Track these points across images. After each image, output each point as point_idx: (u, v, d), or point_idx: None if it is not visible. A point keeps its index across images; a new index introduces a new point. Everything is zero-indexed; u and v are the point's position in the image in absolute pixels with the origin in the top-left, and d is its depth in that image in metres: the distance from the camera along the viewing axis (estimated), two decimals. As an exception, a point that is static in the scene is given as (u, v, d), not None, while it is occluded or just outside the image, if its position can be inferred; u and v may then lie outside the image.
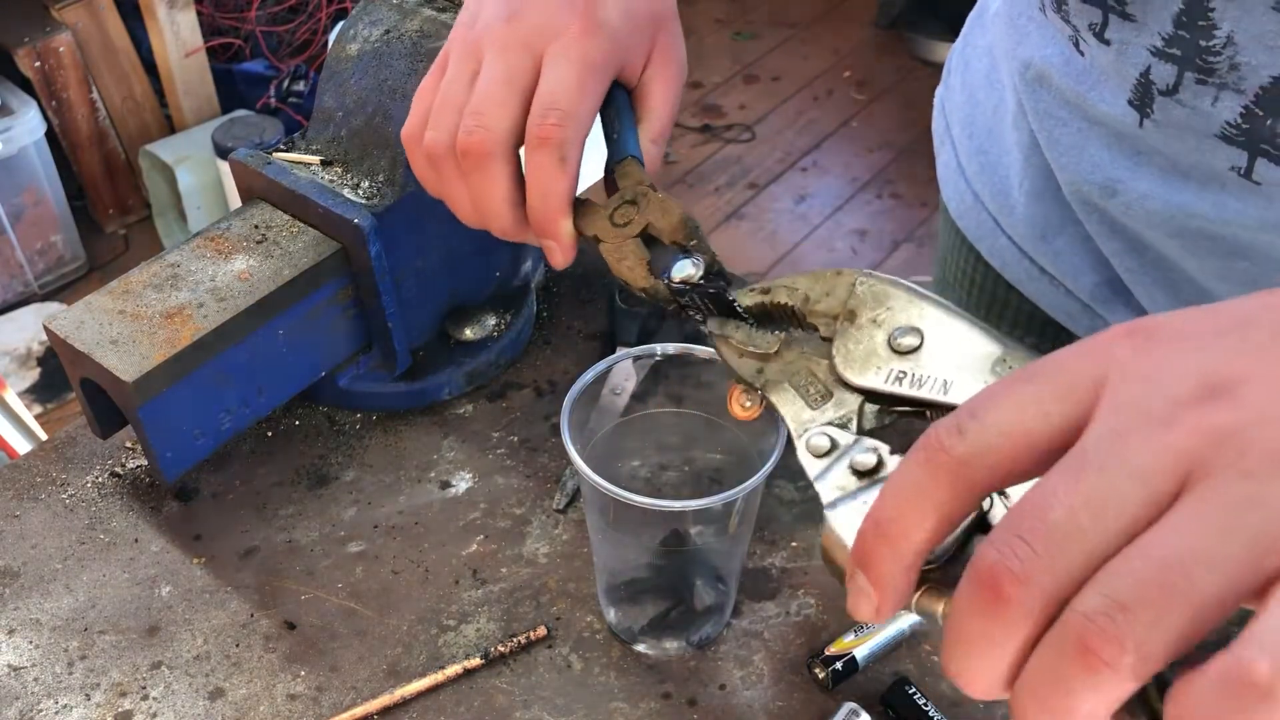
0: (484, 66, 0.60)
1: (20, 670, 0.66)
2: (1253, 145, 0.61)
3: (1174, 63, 0.61)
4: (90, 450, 0.78)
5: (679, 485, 0.69)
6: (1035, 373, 0.35)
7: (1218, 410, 0.32)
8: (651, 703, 0.64)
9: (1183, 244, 0.70)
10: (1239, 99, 0.60)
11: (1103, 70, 0.67)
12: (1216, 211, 0.66)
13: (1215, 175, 0.64)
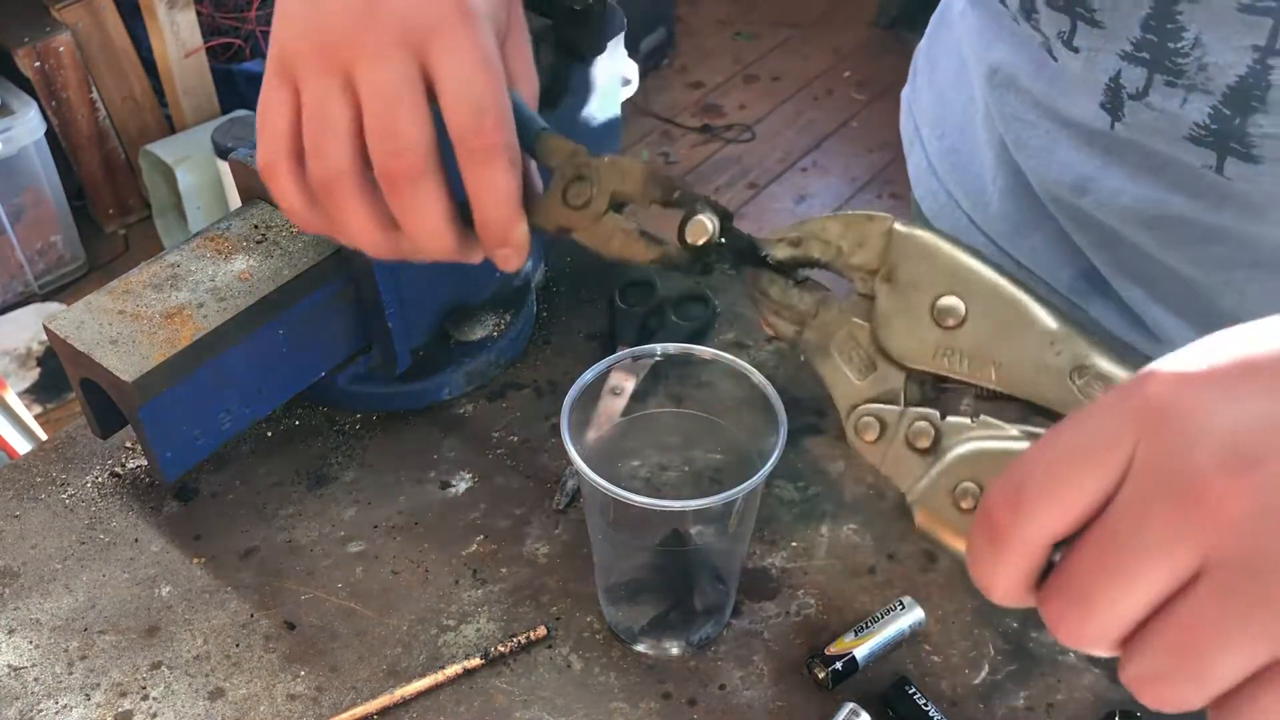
0: (361, 77, 0.52)
1: (20, 670, 0.66)
2: (1222, 145, 0.62)
3: (1143, 66, 0.62)
4: (90, 450, 0.78)
5: (679, 485, 0.69)
6: (1072, 446, 0.37)
7: (1241, 489, 0.34)
8: (651, 703, 0.64)
9: (1156, 235, 0.70)
10: (1207, 99, 0.60)
11: (1073, 76, 0.67)
12: (1189, 204, 0.66)
13: (1187, 172, 0.65)
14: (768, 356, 0.84)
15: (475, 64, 0.52)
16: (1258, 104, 0.58)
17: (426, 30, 0.52)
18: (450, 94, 0.52)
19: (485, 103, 0.52)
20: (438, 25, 0.52)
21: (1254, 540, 0.34)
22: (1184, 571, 0.35)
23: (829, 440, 0.78)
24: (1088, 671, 0.65)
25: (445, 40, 0.52)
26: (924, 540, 0.72)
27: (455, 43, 0.52)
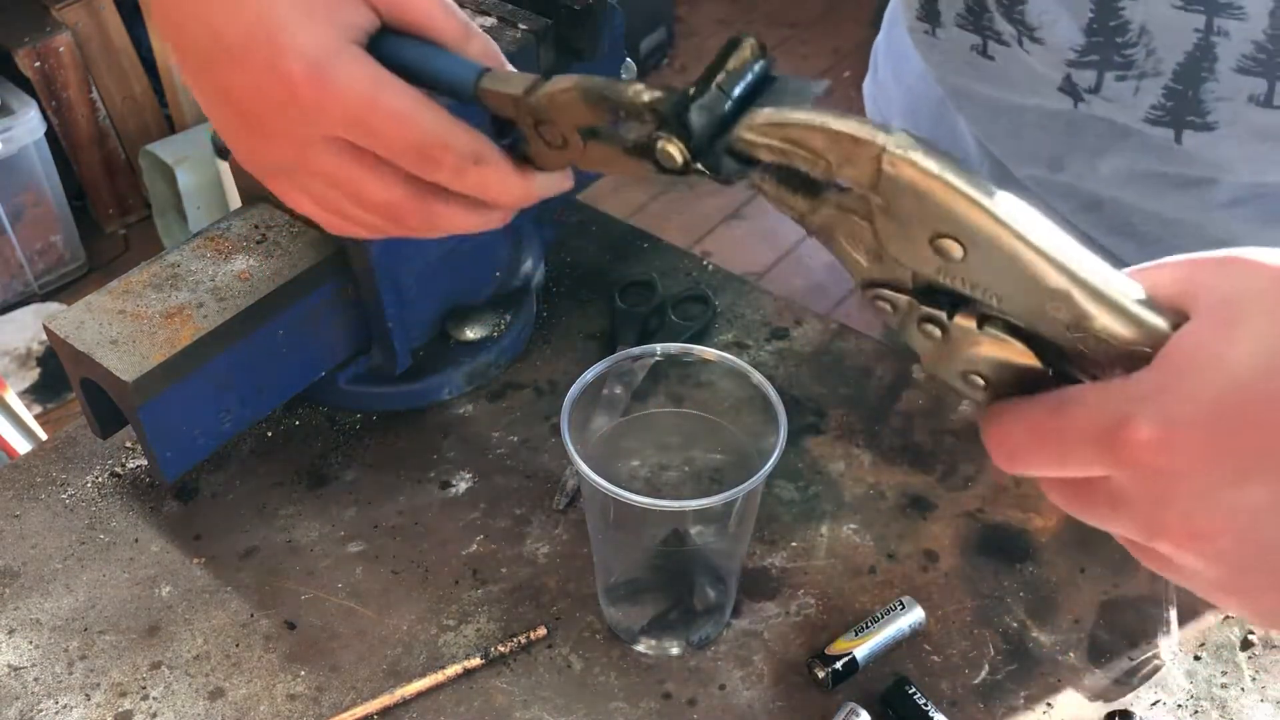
0: (329, 157, 0.53)
1: (20, 670, 0.66)
2: (1178, 121, 0.65)
3: (1093, 68, 0.65)
4: (90, 450, 0.78)
5: (679, 485, 0.69)
6: (1061, 447, 0.41)
7: (1190, 557, 0.39)
8: (651, 703, 0.64)
9: (1134, 190, 0.73)
10: (1158, 81, 0.63)
11: (1025, 73, 0.69)
12: (1161, 162, 0.69)
13: (1150, 142, 0.68)
14: (768, 356, 0.84)
15: (382, 118, 0.51)
16: (1207, 74, 0.61)
17: (318, 121, 0.52)
18: (389, 153, 0.52)
19: (416, 140, 0.52)
20: (322, 110, 0.51)
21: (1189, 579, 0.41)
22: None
23: (829, 440, 0.78)
24: (1088, 671, 0.65)
25: (344, 116, 0.51)
26: (924, 540, 0.72)
27: (354, 113, 0.51)
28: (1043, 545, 0.71)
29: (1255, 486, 0.37)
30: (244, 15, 0.52)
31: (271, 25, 0.51)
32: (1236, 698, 0.64)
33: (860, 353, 0.84)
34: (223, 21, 0.52)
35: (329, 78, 0.51)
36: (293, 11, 0.51)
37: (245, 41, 0.52)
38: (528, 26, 0.74)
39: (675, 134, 0.48)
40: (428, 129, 0.52)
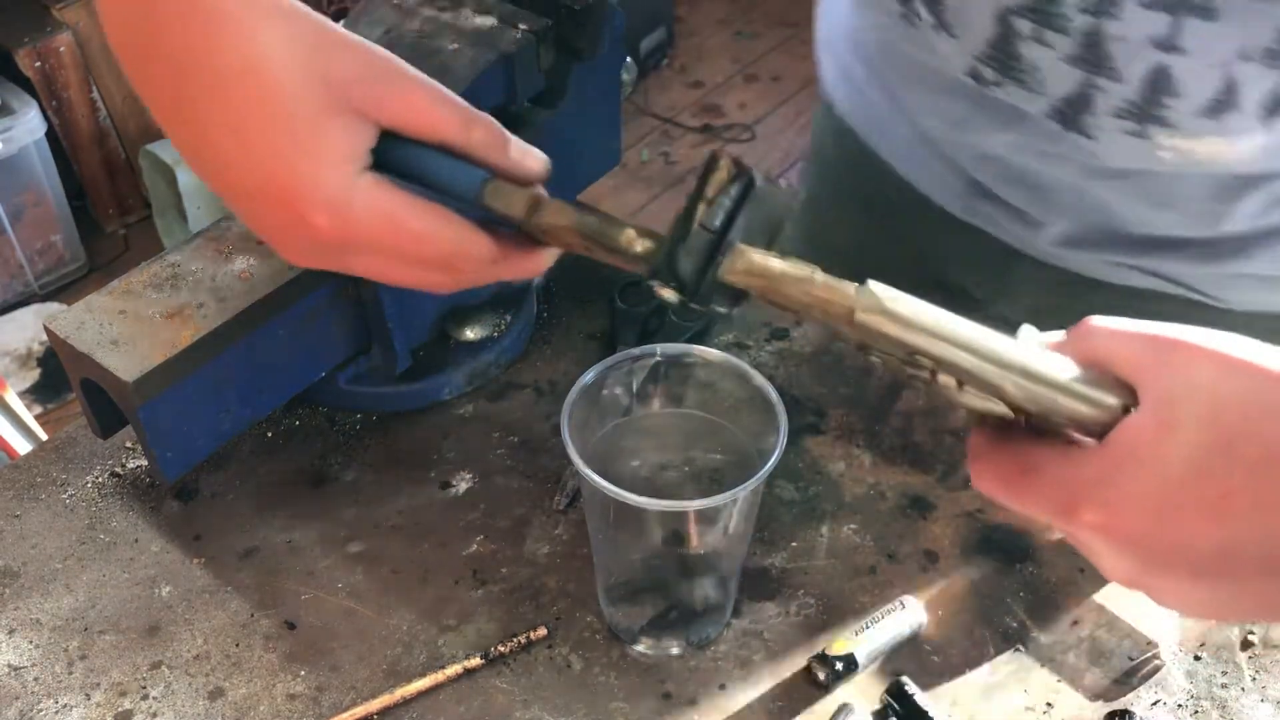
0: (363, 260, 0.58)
1: (20, 670, 0.66)
2: (1068, 123, 0.72)
3: (995, 68, 0.72)
4: (90, 450, 0.78)
5: (679, 485, 0.69)
6: (1022, 503, 0.48)
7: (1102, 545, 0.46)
8: (651, 703, 0.64)
9: (1028, 157, 0.78)
10: (1048, 99, 0.71)
11: (939, 49, 0.76)
12: (1051, 144, 0.75)
13: (1043, 127, 0.74)
14: (768, 357, 0.84)
15: (405, 240, 0.56)
16: (1085, 112, 0.70)
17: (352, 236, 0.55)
18: (415, 262, 0.57)
19: (438, 255, 0.56)
20: (353, 231, 0.55)
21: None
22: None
23: (829, 440, 0.78)
24: (1088, 671, 0.65)
25: (370, 244, 0.56)
26: (924, 540, 0.72)
27: (378, 241, 0.56)
28: (1043, 545, 0.71)
29: (1178, 575, 0.45)
30: (254, 163, 0.54)
31: (285, 176, 0.54)
32: (1236, 698, 0.64)
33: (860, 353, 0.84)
34: (236, 171, 0.55)
35: (351, 218, 0.54)
36: (303, 159, 0.54)
37: (261, 190, 0.55)
38: (528, 26, 0.74)
39: (667, 283, 0.53)
40: (447, 245, 0.56)
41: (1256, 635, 0.66)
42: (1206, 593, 0.45)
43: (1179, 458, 0.43)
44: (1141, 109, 0.68)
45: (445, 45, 0.73)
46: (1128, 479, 0.44)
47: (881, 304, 0.47)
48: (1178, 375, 0.44)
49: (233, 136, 0.54)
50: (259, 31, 0.53)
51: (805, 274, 0.50)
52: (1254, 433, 0.42)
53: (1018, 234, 0.86)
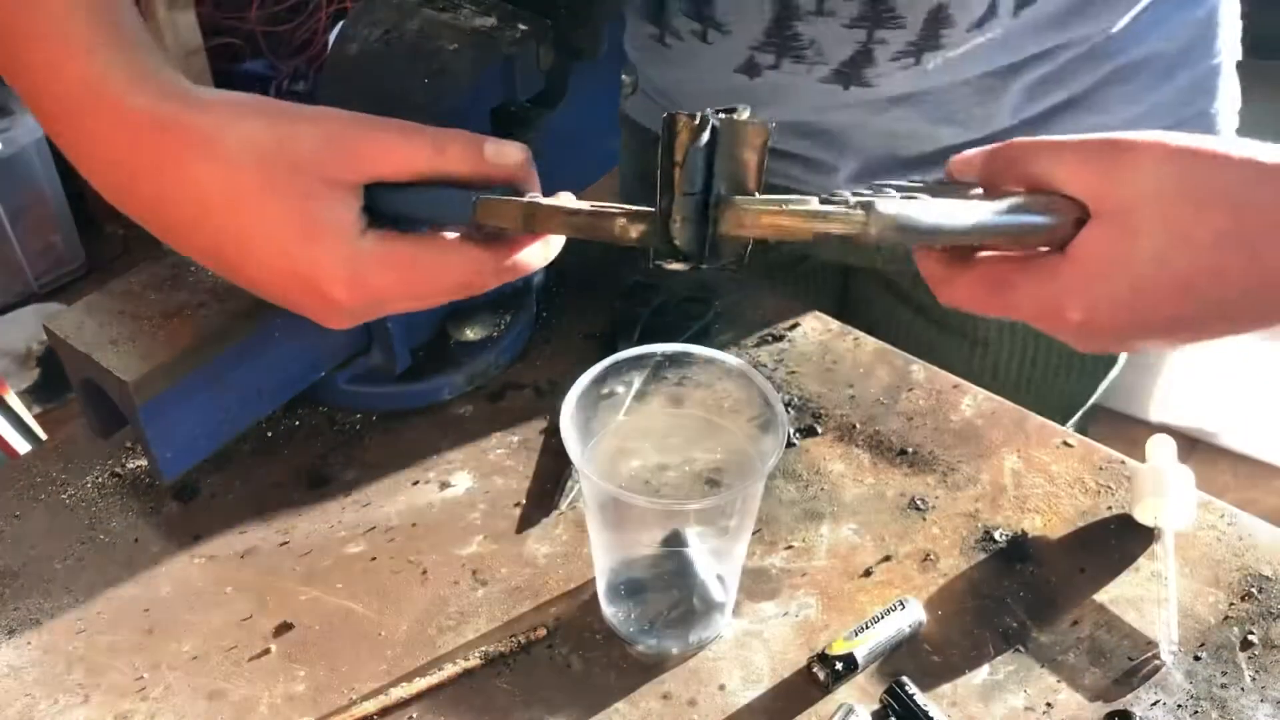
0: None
1: (20, 670, 0.66)
2: (846, 82, 0.80)
3: (772, 52, 0.78)
4: (90, 450, 0.78)
5: (679, 485, 0.69)
6: (1004, 312, 0.57)
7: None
8: (651, 703, 0.64)
9: (810, 111, 0.85)
10: (827, 66, 0.77)
11: (704, 57, 0.82)
12: (830, 101, 0.82)
13: (820, 89, 0.81)
14: (767, 357, 0.84)
15: (420, 285, 0.60)
16: (865, 63, 0.77)
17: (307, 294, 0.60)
18: (435, 297, 0.62)
19: (455, 284, 0.60)
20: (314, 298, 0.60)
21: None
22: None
23: (829, 440, 0.78)
24: (1088, 671, 0.65)
25: (388, 300, 0.61)
26: (924, 540, 0.72)
27: (396, 294, 0.60)
28: (1043, 545, 0.71)
29: (1153, 339, 0.54)
30: (264, 266, 0.58)
31: (296, 268, 0.57)
32: (1236, 698, 0.64)
33: (860, 353, 0.84)
34: (250, 273, 0.59)
35: (369, 282, 0.58)
36: (306, 248, 0.57)
37: (282, 285, 0.59)
38: (528, 26, 0.74)
39: (670, 257, 0.54)
40: (459, 270, 0.59)
41: (1256, 635, 0.66)
42: (1168, 344, 0.55)
43: (1144, 258, 0.51)
44: (919, 45, 0.75)
45: (445, 45, 0.73)
46: (1101, 283, 0.51)
47: (895, 222, 0.50)
48: (1126, 185, 0.51)
49: (235, 248, 0.57)
50: (221, 154, 0.55)
51: (804, 209, 0.50)
52: (1204, 220, 0.50)
53: (816, 182, 0.92)
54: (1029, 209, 0.52)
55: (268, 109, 0.57)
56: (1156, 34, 0.84)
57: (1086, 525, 0.72)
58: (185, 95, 0.57)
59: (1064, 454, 0.77)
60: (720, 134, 0.51)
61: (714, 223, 0.52)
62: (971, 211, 0.51)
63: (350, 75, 0.75)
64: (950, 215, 0.51)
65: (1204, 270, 0.50)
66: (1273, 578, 0.69)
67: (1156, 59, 0.85)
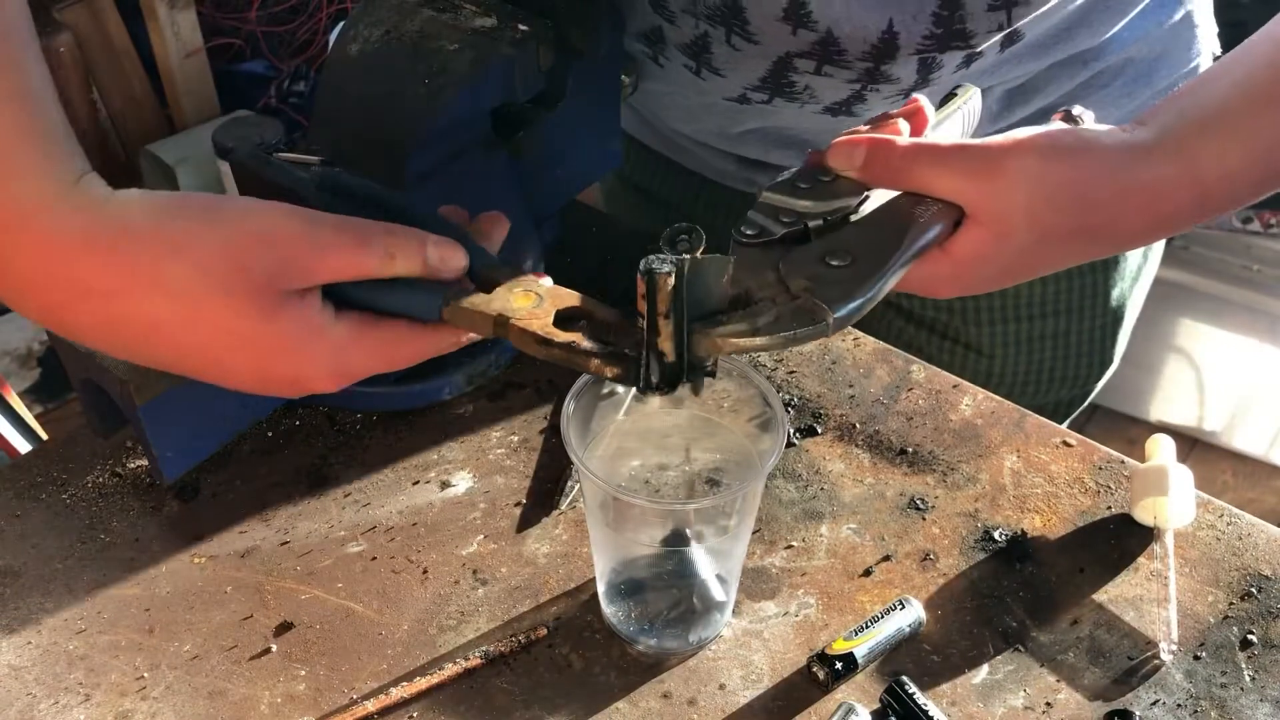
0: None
1: (20, 670, 0.66)
2: (835, 114, 0.82)
3: (766, 92, 0.81)
4: (90, 450, 0.78)
5: (679, 485, 0.69)
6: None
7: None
8: (651, 702, 0.64)
9: (802, 130, 0.88)
10: (819, 104, 0.82)
11: (697, 86, 0.84)
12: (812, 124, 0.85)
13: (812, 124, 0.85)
14: (767, 357, 0.84)
15: (390, 365, 0.61)
16: (858, 106, 0.81)
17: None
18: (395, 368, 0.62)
19: (415, 357, 0.61)
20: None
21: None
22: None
23: (829, 440, 0.78)
24: (1087, 671, 0.65)
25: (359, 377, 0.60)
26: (924, 540, 0.72)
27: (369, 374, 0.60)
28: (1042, 545, 0.71)
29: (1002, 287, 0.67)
30: (244, 378, 0.59)
31: (277, 376, 0.58)
32: (1236, 698, 0.64)
33: (860, 353, 0.84)
34: (234, 384, 0.59)
35: (349, 370, 0.59)
36: (282, 359, 0.57)
37: (264, 388, 0.60)
38: (528, 26, 0.74)
39: (655, 392, 0.56)
40: (438, 347, 0.60)
41: (1256, 635, 0.67)
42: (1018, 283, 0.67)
43: (1011, 252, 0.61)
44: (910, 88, 0.79)
45: (445, 45, 0.73)
46: (975, 272, 0.62)
47: (853, 318, 0.56)
48: (999, 197, 0.59)
49: (201, 362, 0.57)
50: (171, 288, 0.53)
51: (773, 332, 0.55)
52: (1060, 221, 0.60)
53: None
54: (924, 232, 0.59)
55: (207, 222, 0.54)
56: (1135, 40, 0.85)
57: (1086, 525, 0.72)
58: (115, 216, 0.53)
59: (1064, 454, 0.77)
60: (689, 272, 0.54)
61: (690, 349, 0.55)
62: (897, 269, 0.58)
63: (350, 75, 0.75)
64: (884, 283, 0.57)
65: (1056, 255, 0.63)
66: (1272, 577, 0.69)
67: (1135, 63, 0.86)
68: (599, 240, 0.94)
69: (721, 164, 0.98)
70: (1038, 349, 1.00)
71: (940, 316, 1.00)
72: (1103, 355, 1.02)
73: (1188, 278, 2.01)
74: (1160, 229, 0.67)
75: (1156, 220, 0.63)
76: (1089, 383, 1.04)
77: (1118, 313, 1.00)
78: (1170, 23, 0.86)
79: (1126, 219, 0.61)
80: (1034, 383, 1.01)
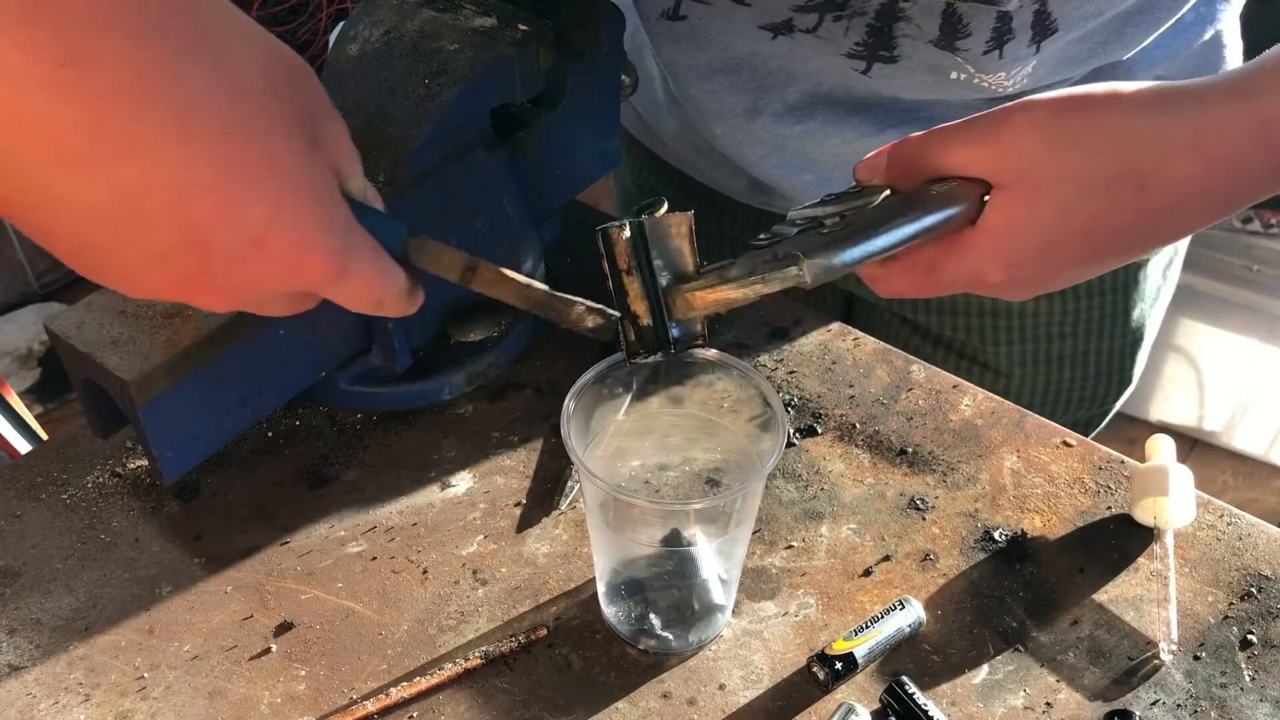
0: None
1: (20, 670, 0.66)
2: (872, 55, 0.78)
3: (816, 11, 0.75)
4: (90, 450, 0.78)
5: (679, 485, 0.69)
6: (936, 290, 0.62)
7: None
8: (651, 703, 0.64)
9: (820, 119, 0.85)
10: (864, 19, 0.75)
11: (722, 25, 0.80)
12: (844, 89, 0.83)
13: (841, 70, 0.80)
14: (767, 356, 0.84)
15: (363, 292, 0.52)
16: (901, 13, 0.74)
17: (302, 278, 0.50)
18: (349, 306, 0.53)
19: (378, 299, 0.53)
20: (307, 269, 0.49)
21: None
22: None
23: (829, 440, 0.78)
24: (1088, 671, 0.65)
25: (326, 286, 0.51)
26: (924, 540, 0.72)
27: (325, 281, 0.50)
28: (1042, 545, 0.71)
29: (1069, 277, 0.60)
30: (249, 219, 0.46)
31: (290, 227, 0.47)
32: (1236, 698, 0.64)
33: (860, 353, 0.84)
34: (218, 237, 0.46)
35: (351, 260, 0.50)
36: (306, 204, 0.47)
37: (248, 250, 0.47)
38: (528, 26, 0.74)
39: (640, 353, 0.57)
40: (387, 289, 0.53)
41: (1256, 635, 0.67)
42: (1082, 277, 0.60)
43: (1048, 212, 0.55)
44: (934, 42, 0.75)
45: (445, 45, 0.73)
46: (1016, 245, 0.57)
47: (828, 266, 0.54)
48: (1016, 153, 0.55)
49: (213, 194, 0.44)
50: (229, 61, 0.44)
51: (743, 279, 0.55)
52: (1095, 165, 0.54)
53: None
54: (938, 205, 0.56)
55: (262, 33, 0.47)
56: (1164, 58, 0.84)
57: (1086, 525, 0.72)
58: None
59: (1064, 454, 0.77)
60: (649, 231, 0.55)
61: (669, 310, 0.56)
62: (891, 230, 0.56)
63: (350, 75, 0.75)
64: (873, 241, 0.55)
65: (1103, 209, 0.55)
66: (1272, 577, 0.69)
67: (1163, 80, 0.85)
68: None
69: (733, 181, 0.97)
70: (1056, 369, 0.99)
71: (958, 335, 0.99)
72: (1121, 375, 1.01)
73: (1188, 278, 2.01)
74: (1222, 176, 0.55)
75: (1212, 163, 0.54)
76: (1107, 403, 1.03)
77: (1138, 333, 0.99)
78: (1200, 42, 0.85)
79: (1174, 160, 0.54)
80: (1051, 402, 1.01)
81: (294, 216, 0.47)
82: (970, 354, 1.00)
